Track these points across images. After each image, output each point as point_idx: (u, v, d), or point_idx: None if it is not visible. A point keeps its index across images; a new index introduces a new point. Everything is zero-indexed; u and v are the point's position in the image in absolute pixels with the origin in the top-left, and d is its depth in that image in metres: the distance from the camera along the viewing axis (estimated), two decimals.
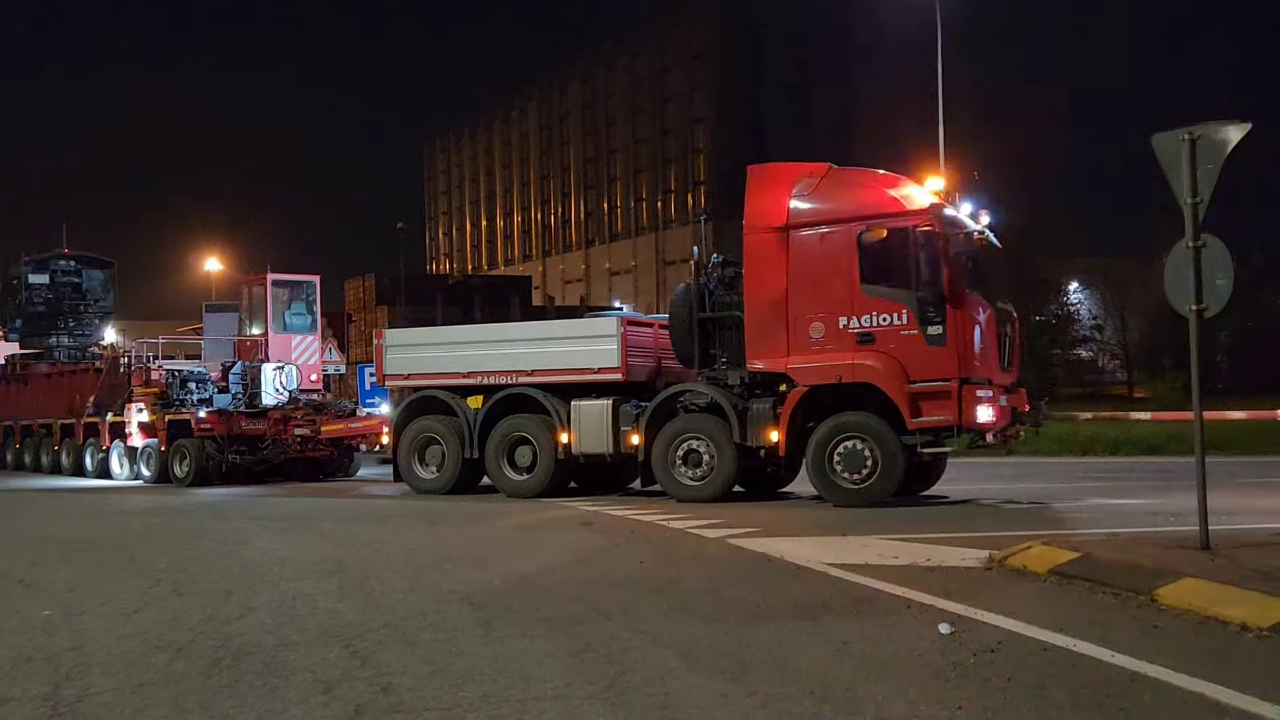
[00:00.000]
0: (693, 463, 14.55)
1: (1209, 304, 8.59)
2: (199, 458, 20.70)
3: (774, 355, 14.00)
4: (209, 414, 21.23)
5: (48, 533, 13.10)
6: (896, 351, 13.32)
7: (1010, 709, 4.90)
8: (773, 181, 14.37)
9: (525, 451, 15.99)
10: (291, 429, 21.25)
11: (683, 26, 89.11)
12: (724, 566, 9.08)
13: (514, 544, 10.97)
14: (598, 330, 16.04)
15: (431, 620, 7.01)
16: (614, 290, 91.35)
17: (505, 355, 16.39)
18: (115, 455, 23.23)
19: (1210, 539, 8.41)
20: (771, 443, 14.01)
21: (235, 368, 22.45)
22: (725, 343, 14.82)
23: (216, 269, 54.49)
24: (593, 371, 15.54)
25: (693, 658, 5.91)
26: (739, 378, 14.45)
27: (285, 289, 24.38)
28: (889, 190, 13.88)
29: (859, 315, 13.49)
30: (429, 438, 16.81)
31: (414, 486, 16.93)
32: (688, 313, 15.02)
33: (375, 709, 5.10)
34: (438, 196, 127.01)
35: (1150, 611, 6.81)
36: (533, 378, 16.03)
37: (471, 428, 16.31)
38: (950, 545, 9.77)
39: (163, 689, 5.54)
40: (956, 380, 13.08)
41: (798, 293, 13.84)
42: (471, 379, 16.52)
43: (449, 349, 17.25)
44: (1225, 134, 8.47)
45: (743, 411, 14.21)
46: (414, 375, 17.25)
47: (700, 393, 14.69)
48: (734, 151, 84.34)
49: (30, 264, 29.31)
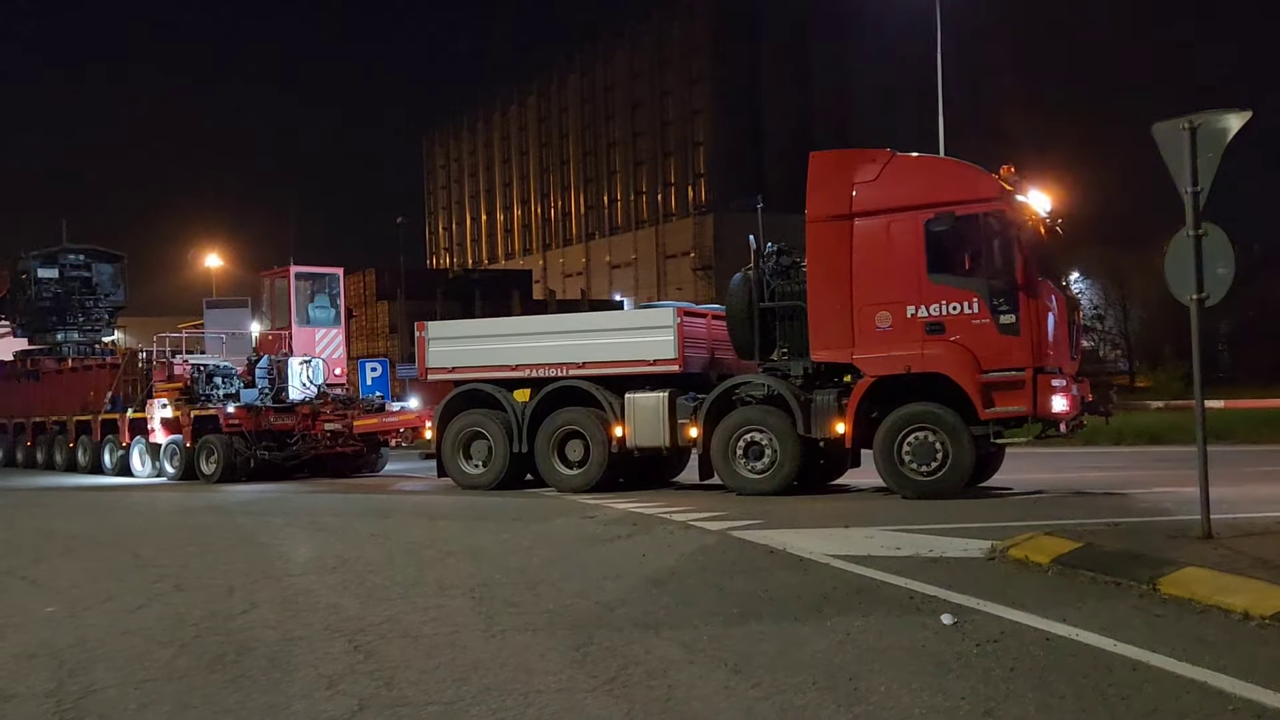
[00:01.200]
0: (754, 455, 14.25)
1: (1210, 293, 8.59)
2: (227, 454, 20.42)
3: (839, 346, 13.74)
4: (237, 409, 20.89)
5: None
6: (967, 341, 13.08)
7: (1013, 699, 4.91)
8: (834, 169, 14.08)
9: (576, 445, 15.73)
10: (321, 424, 20.93)
11: (681, 19, 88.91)
12: (726, 559, 9.08)
13: (514, 538, 10.97)
14: (653, 321, 15.75)
15: (433, 614, 7.02)
16: (614, 284, 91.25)
17: (555, 347, 16.12)
18: (136, 452, 22.92)
19: (1212, 528, 8.42)
20: (837, 434, 13.76)
21: (261, 362, 22.06)
22: (786, 333, 14.55)
23: (217, 265, 54.48)
24: (648, 363, 15.31)
25: (695, 650, 5.91)
26: (802, 368, 14.20)
27: (308, 282, 23.93)
28: (957, 177, 13.64)
29: (927, 304, 13.24)
30: (474, 432, 16.53)
31: (459, 482, 16.63)
32: (746, 303, 14.74)
33: (378, 703, 5.10)
34: (437, 191, 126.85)
35: (1152, 601, 6.82)
36: (584, 370, 15.76)
37: (520, 422, 16.03)
38: (952, 536, 9.77)
39: (166, 684, 5.55)
40: (1031, 370, 12.84)
41: (862, 282, 13.58)
42: (519, 372, 16.22)
43: (495, 341, 16.96)
44: (1225, 122, 8.46)
45: (806, 403, 13.95)
46: (458, 369, 16.92)
47: (762, 384, 14.41)
48: (734, 144, 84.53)
49: (39, 258, 28.97)
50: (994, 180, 13.43)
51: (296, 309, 23.15)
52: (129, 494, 19.32)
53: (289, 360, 22.02)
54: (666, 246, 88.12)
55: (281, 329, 23.18)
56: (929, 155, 14.42)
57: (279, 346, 22.72)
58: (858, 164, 14.00)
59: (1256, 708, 4.69)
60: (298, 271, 23.67)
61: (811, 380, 14.19)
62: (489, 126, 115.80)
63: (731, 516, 11.82)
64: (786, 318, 14.55)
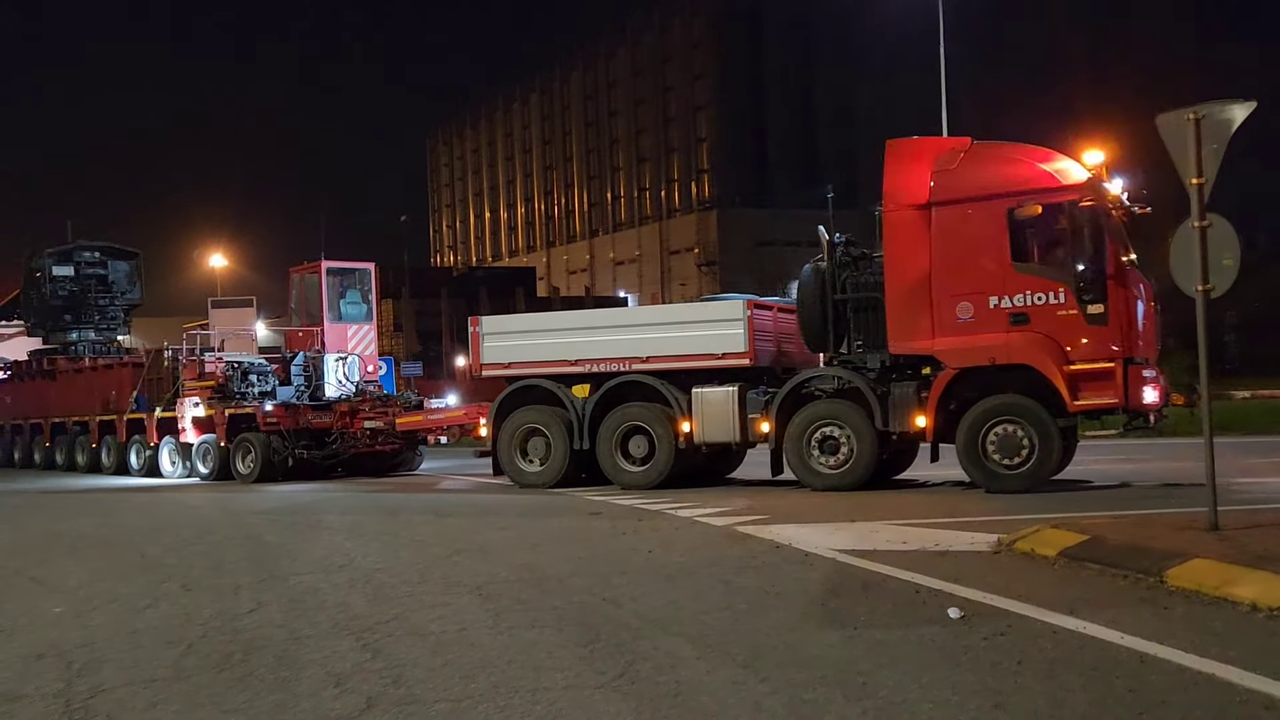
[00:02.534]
0: (829, 450, 13.94)
1: (1215, 284, 8.57)
2: (265, 453, 19.98)
3: (918, 337, 13.46)
4: (275, 407, 20.39)
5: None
6: (1053, 331, 12.78)
7: (1022, 692, 4.90)
8: (912, 157, 13.78)
9: (640, 441, 15.36)
10: (361, 422, 20.43)
11: (683, 15, 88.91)
12: (733, 554, 9.08)
13: (522, 535, 10.97)
14: (722, 314, 15.39)
15: (440, 612, 7.03)
16: (618, 280, 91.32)
17: (617, 341, 15.80)
18: (166, 452, 22.47)
19: (1219, 520, 8.40)
20: (917, 428, 13.49)
21: (297, 359, 21.57)
22: (861, 325, 14.26)
23: (221, 264, 54.56)
24: (716, 357, 14.98)
25: (704, 645, 5.91)
26: (879, 361, 13.92)
27: (339, 277, 23.26)
28: (1042, 164, 13.27)
29: (1011, 294, 12.93)
30: (532, 429, 16.18)
31: (516, 480, 16.28)
32: (819, 295, 14.43)
33: (386, 701, 5.10)
34: (441, 189, 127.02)
35: (1160, 593, 6.81)
36: (648, 364, 15.43)
37: (581, 418, 15.68)
38: (959, 529, 9.76)
39: (174, 684, 5.55)
40: (1121, 360, 12.60)
41: (942, 272, 13.30)
42: (579, 366, 15.86)
43: (553, 336, 16.57)
44: (1230, 113, 8.44)
45: (883, 396, 13.68)
46: (514, 364, 16.51)
47: (837, 377, 14.11)
48: (737, 140, 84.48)
49: (53, 255, 28.48)
50: (1081, 167, 13.15)
51: (328, 305, 22.55)
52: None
53: (325, 357, 21.56)
54: (670, 243, 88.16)
55: (313, 325, 22.55)
56: (1012, 143, 14.03)
57: (311, 343, 22.21)
58: (936, 151, 13.72)
59: (1265, 699, 4.68)
60: (329, 267, 22.99)
61: (887, 373, 13.89)
62: (492, 124, 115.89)
63: (737, 512, 11.82)
64: (861, 309, 14.23)
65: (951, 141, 13.81)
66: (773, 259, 71.20)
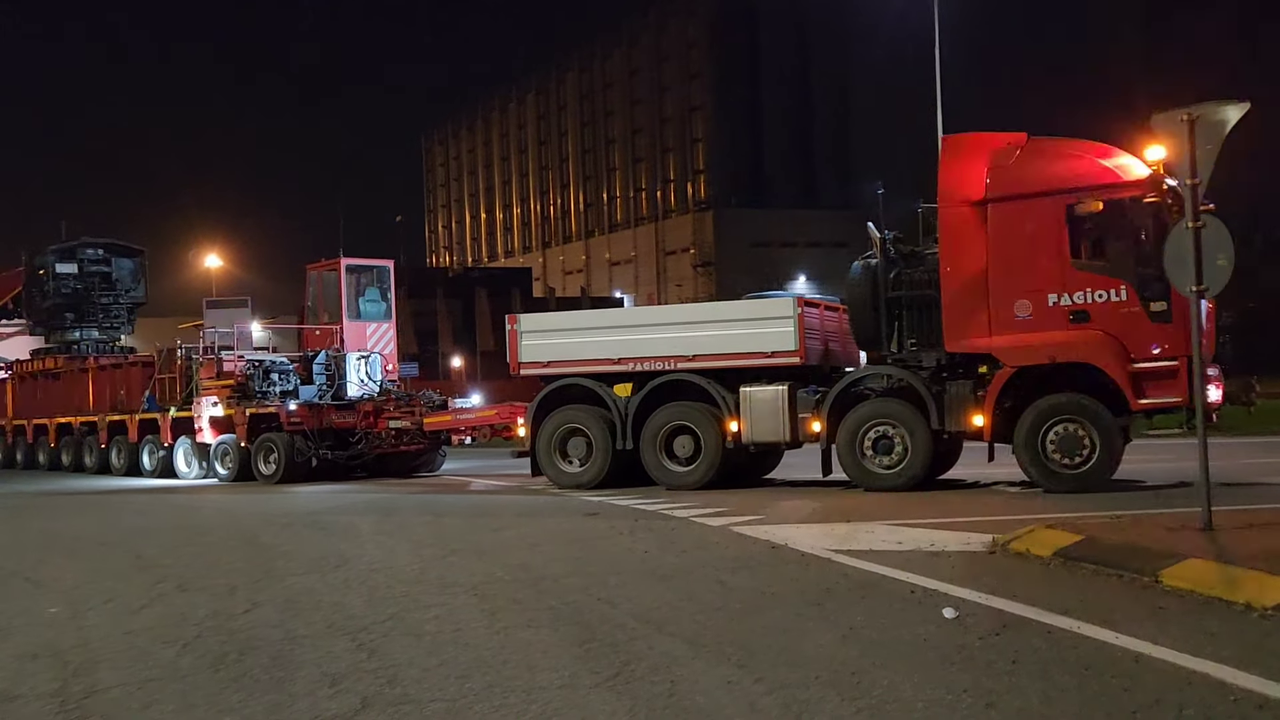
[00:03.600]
0: (883, 450, 13.68)
1: (1209, 284, 8.60)
2: (289, 453, 19.52)
3: (975, 335, 13.25)
4: (299, 407, 19.94)
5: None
6: (1115, 329, 12.56)
7: (1015, 691, 4.91)
8: (968, 153, 13.60)
9: (685, 441, 15.05)
10: (385, 422, 19.99)
11: (679, 15, 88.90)
12: (728, 554, 9.09)
13: (518, 534, 10.97)
14: (771, 311, 15.15)
15: (436, 612, 7.03)
16: (614, 281, 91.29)
17: (662, 340, 15.48)
18: (181, 453, 21.97)
19: (1213, 520, 8.42)
20: (974, 427, 13.26)
21: (319, 358, 21.04)
22: (915, 323, 14.02)
23: (216, 265, 54.45)
24: (765, 355, 14.73)
25: (698, 645, 5.92)
26: (934, 359, 13.72)
27: (358, 274, 22.71)
28: (1102, 160, 13.05)
29: (1070, 292, 12.68)
30: (572, 429, 15.79)
31: (556, 481, 15.85)
32: (870, 292, 14.22)
33: (382, 701, 5.11)
34: (436, 189, 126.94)
35: (1154, 593, 6.82)
36: (694, 363, 15.13)
37: (624, 417, 15.35)
38: (954, 530, 9.77)
39: (169, 684, 5.56)
40: (1184, 359, 12.12)
41: (1000, 269, 13.07)
42: (622, 365, 15.54)
43: (595, 334, 16.26)
44: (1224, 114, 8.48)
45: (938, 395, 13.48)
46: (553, 363, 16.12)
47: (891, 375, 13.95)
48: (733, 140, 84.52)
49: (56, 253, 28.02)
50: (1141, 163, 12.86)
51: (348, 303, 22.01)
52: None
53: (347, 356, 21.08)
54: (666, 243, 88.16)
55: (332, 323, 21.99)
56: (1069, 139, 13.83)
57: (330, 342, 21.65)
58: (992, 147, 13.52)
59: (1258, 698, 4.69)
60: (349, 264, 22.48)
61: (941, 372, 13.72)
62: (488, 124, 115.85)
63: (733, 512, 11.82)
64: (915, 307, 14.01)
65: (1007, 137, 13.54)
66: (769, 259, 71.32)
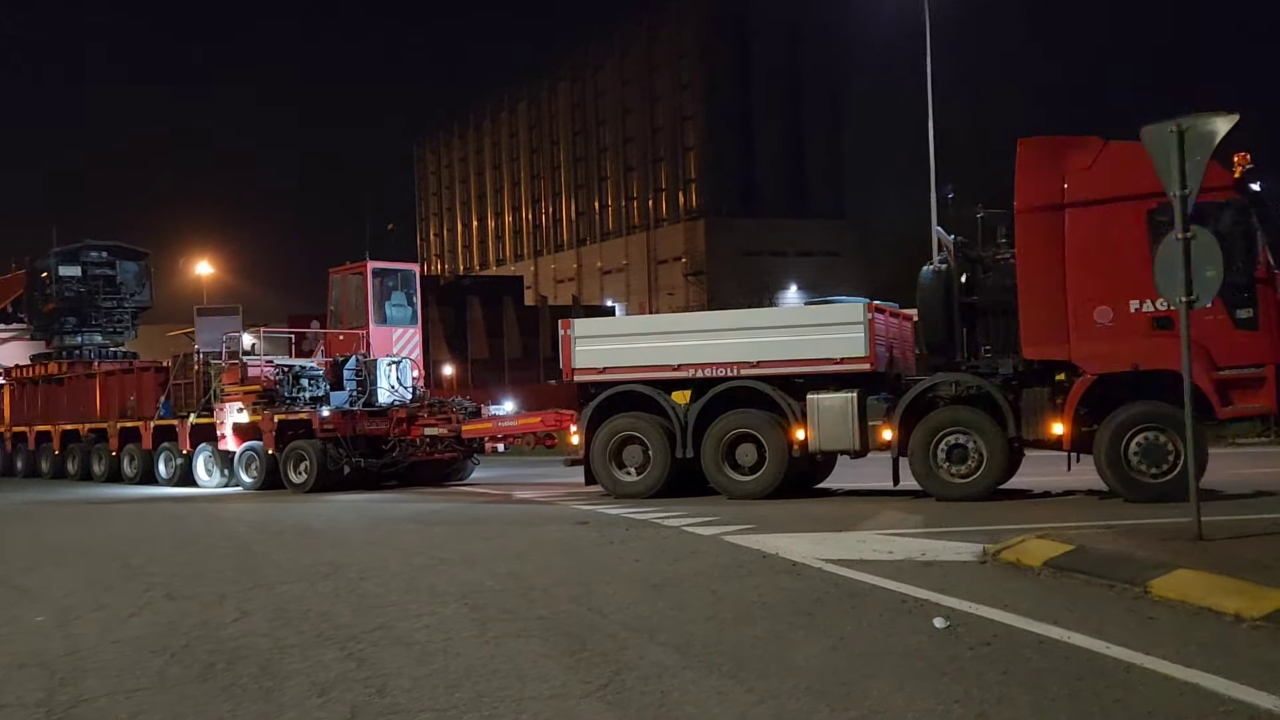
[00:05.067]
0: (957, 459, 13.43)
1: (1199, 295, 8.64)
2: (321, 461, 18.97)
3: (1054, 342, 12.99)
4: (332, 413, 19.49)
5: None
6: (1200, 336, 12.15)
7: (1006, 702, 4.91)
8: (1044, 157, 13.29)
9: (748, 450, 14.72)
10: (419, 429, 19.51)
11: (670, 24, 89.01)
12: (719, 563, 9.08)
13: (508, 544, 10.94)
14: (841, 317, 14.85)
15: (426, 621, 7.00)
16: (606, 289, 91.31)
17: (724, 345, 15.14)
18: (202, 460, 21.47)
19: (1204, 530, 8.43)
20: (1054, 435, 13.05)
21: (349, 363, 20.52)
22: (989, 329, 13.89)
23: (208, 273, 54.36)
24: (834, 362, 14.42)
25: (689, 655, 5.91)
26: (1011, 366, 13.48)
27: (383, 278, 22.19)
28: None
29: (1153, 298, 12.26)
30: (627, 436, 15.46)
31: (611, 490, 15.52)
32: (943, 298, 14.03)
33: (371, 710, 5.08)
34: (428, 197, 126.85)
35: (1145, 603, 6.83)
36: (758, 369, 14.82)
37: (684, 425, 15.04)
38: (945, 539, 9.78)
39: (157, 694, 5.52)
40: (1272, 365, 12.19)
41: (1078, 275, 12.82)
42: (682, 372, 15.23)
43: (653, 339, 15.88)
44: (1213, 125, 8.51)
45: (1014, 403, 13.27)
46: (609, 369, 15.76)
47: (965, 383, 13.68)
48: (724, 149, 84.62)
49: (59, 255, 27.54)
50: (1225, 169, 12.56)
51: (374, 307, 21.56)
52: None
53: (377, 361, 20.62)
54: (658, 252, 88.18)
55: (357, 328, 21.53)
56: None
57: (356, 347, 21.18)
58: (1069, 151, 13.19)
59: (1249, 709, 4.69)
60: (375, 267, 21.96)
61: (1016, 379, 13.50)
62: (480, 133, 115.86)
63: (724, 521, 11.82)
64: (990, 313, 13.87)
65: (1085, 140, 13.31)
66: (760, 268, 71.43)
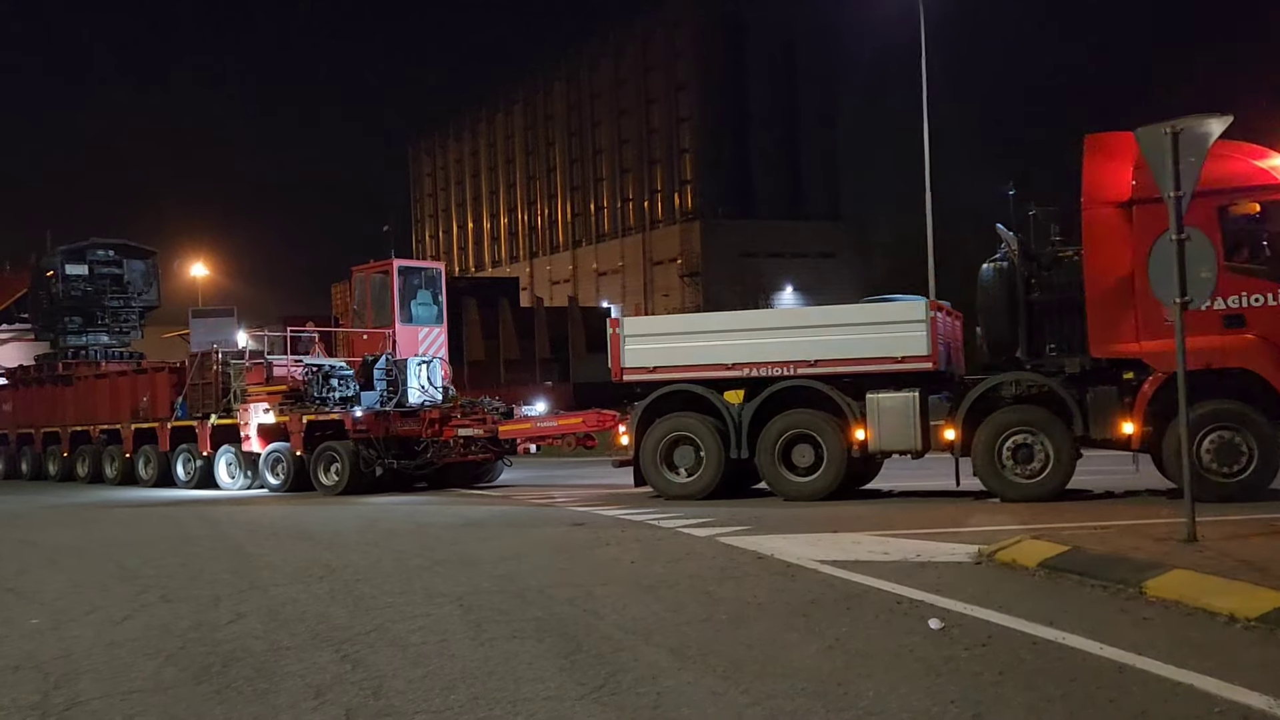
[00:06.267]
0: (1023, 459, 13.22)
1: (1193, 296, 8.67)
2: (354, 463, 18.64)
3: (1123, 340, 12.83)
4: (365, 414, 19.18)
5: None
6: (1272, 333, 12.21)
7: (1001, 702, 4.92)
8: (1112, 153, 13.13)
9: (805, 450, 14.47)
10: (453, 429, 19.16)
11: (666, 26, 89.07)
12: (715, 565, 9.08)
13: (503, 545, 10.94)
14: (902, 315, 14.63)
15: (421, 623, 7.00)
16: (601, 291, 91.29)
17: (780, 344, 14.90)
18: (224, 462, 21.19)
19: (1198, 531, 8.45)
20: (1123, 435, 12.84)
21: (379, 363, 20.16)
22: (1054, 327, 13.66)
23: (203, 274, 54.33)
24: (895, 360, 14.19)
25: (684, 656, 5.91)
26: (1078, 365, 13.26)
27: (408, 277, 22.00)
28: (1257, 161, 12.69)
29: (1224, 295, 12.04)
30: (678, 437, 15.19)
31: (663, 492, 15.25)
32: (1006, 296, 13.83)
33: (366, 713, 5.08)
34: (424, 199, 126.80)
35: (1139, 604, 6.84)
36: (816, 368, 14.57)
37: (738, 425, 14.80)
38: (940, 540, 9.79)
39: (152, 696, 5.52)
40: None
41: (1148, 272, 13.04)
42: (736, 371, 14.96)
43: (705, 338, 15.60)
44: (1208, 127, 8.55)
45: (1080, 401, 13.12)
46: (660, 369, 15.49)
47: (1030, 381, 13.50)
48: (720, 151, 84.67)
49: (65, 254, 27.28)
50: None
51: (400, 306, 21.29)
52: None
53: (408, 361, 20.26)
54: (653, 253, 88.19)
55: (382, 327, 21.19)
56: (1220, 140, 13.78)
57: (383, 346, 20.86)
58: (1135, 147, 12.81)
59: (1242, 709, 4.70)
60: (401, 265, 21.86)
61: (1080, 378, 13.30)
62: (475, 134, 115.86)
63: (720, 522, 11.82)
64: (1055, 311, 13.64)
65: None
66: (756, 269, 71.39)
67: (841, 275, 72.46)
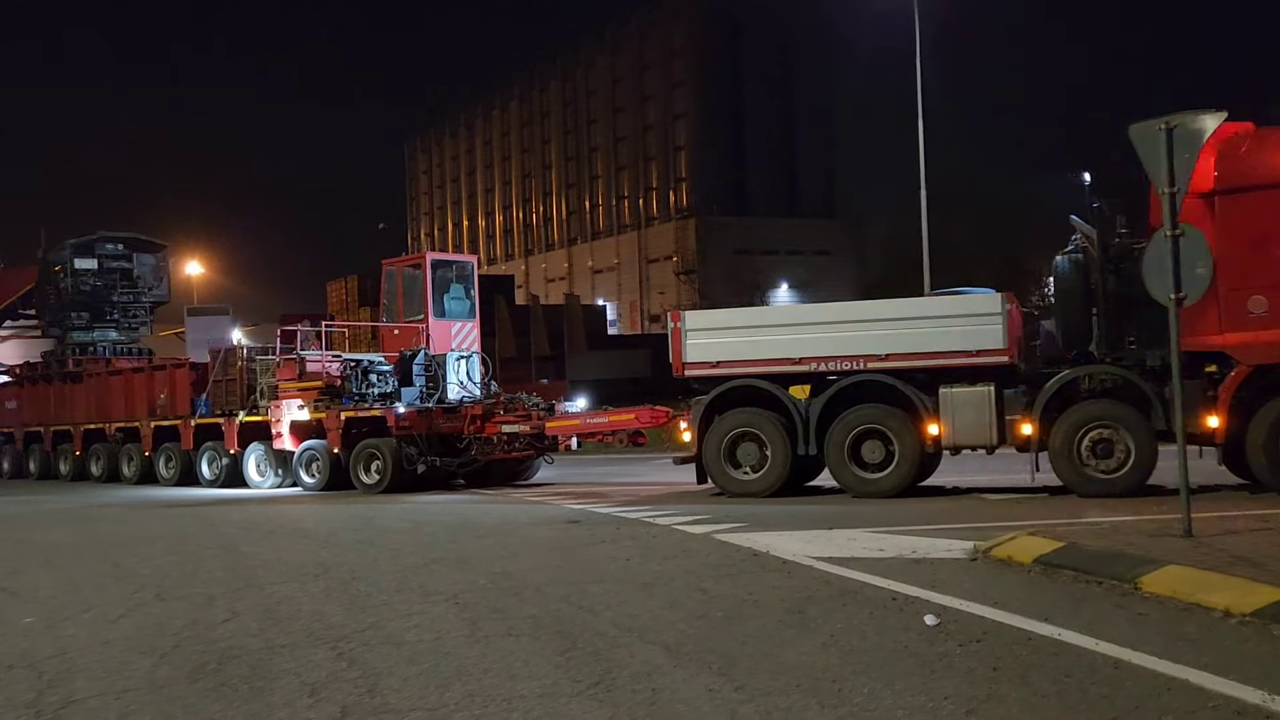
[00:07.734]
0: (1102, 454, 12.98)
1: (1188, 292, 8.68)
2: (397, 460, 18.22)
3: (1206, 333, 12.47)
4: (408, 411, 18.70)
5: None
6: None
7: (996, 698, 4.92)
8: None
9: (875, 446, 14.20)
10: (495, 426, 18.75)
11: (662, 23, 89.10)
12: (710, 562, 9.08)
13: (499, 543, 10.94)
14: (977, 308, 14.26)
15: (416, 621, 7.00)
16: (597, 288, 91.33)
17: (848, 338, 14.60)
18: (253, 460, 20.74)
19: (1193, 526, 8.46)
20: (1207, 429, 12.47)
21: (418, 358, 19.68)
22: (1134, 320, 13.37)
23: (198, 273, 54.24)
24: (970, 354, 13.89)
25: (680, 653, 5.91)
26: (1159, 358, 12.83)
27: (441, 270, 21.60)
28: None
29: None
30: (742, 433, 14.89)
31: (726, 489, 14.98)
32: (1083, 288, 13.67)
33: (361, 710, 5.08)
34: (419, 196, 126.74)
35: (1134, 599, 6.85)
36: (886, 363, 14.25)
37: (805, 421, 14.49)
38: (935, 537, 9.79)
39: (147, 695, 5.51)
40: None
41: (1231, 264, 12.15)
42: (803, 365, 14.65)
43: (770, 332, 15.26)
44: (1201, 123, 8.55)
45: (1161, 395, 12.79)
46: (723, 364, 15.14)
47: (1113, 375, 13.24)
48: (715, 148, 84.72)
49: (74, 248, 26.88)
50: None
51: (433, 300, 20.89)
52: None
53: (446, 357, 19.88)
54: (649, 251, 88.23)
55: (414, 321, 20.83)
56: None
57: (415, 340, 20.49)
58: (1218, 137, 12.61)
59: (1237, 704, 4.71)
60: (434, 259, 21.57)
61: (1159, 371, 12.97)
62: (471, 132, 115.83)
63: (715, 520, 11.82)
64: (1133, 303, 13.16)
65: (1233, 126, 12.65)
66: (751, 267, 71.44)
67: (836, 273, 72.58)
